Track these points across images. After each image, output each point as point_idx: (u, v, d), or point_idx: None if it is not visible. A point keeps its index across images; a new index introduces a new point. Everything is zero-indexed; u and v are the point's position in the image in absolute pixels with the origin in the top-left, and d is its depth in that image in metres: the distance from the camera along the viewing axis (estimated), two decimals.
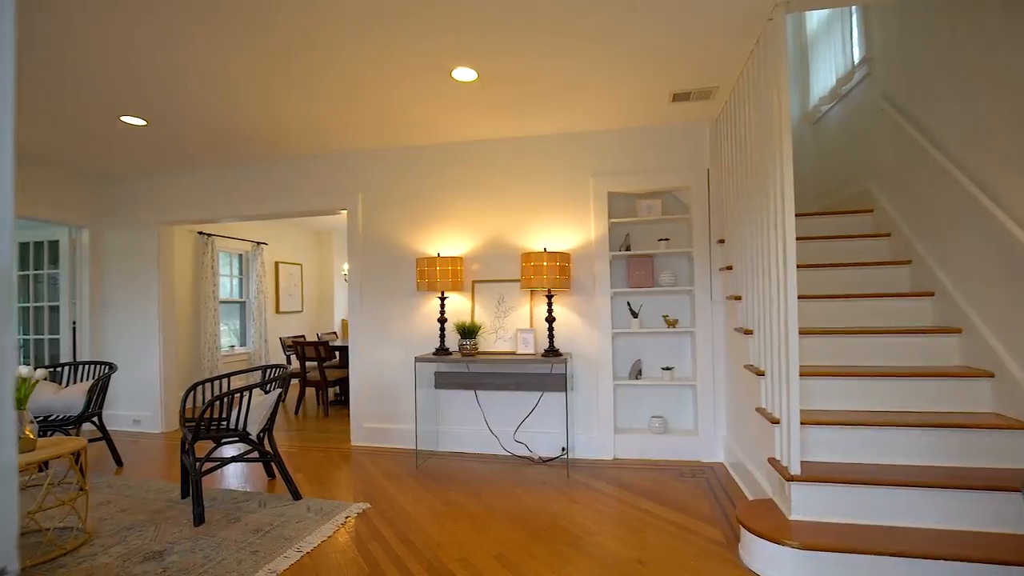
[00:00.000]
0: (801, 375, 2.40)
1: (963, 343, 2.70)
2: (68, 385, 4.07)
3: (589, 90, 3.36)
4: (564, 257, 3.75)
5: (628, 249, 4.02)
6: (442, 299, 4.06)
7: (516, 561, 2.42)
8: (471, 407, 4.22)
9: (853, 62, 3.87)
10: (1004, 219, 2.35)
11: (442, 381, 4.21)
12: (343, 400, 6.44)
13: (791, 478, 2.29)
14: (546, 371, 4.01)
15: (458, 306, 4.27)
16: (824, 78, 4.30)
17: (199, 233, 6.37)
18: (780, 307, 2.41)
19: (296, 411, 5.94)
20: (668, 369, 3.90)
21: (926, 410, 2.54)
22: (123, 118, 3.71)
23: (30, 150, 4.37)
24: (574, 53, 2.87)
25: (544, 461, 3.93)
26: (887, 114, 3.37)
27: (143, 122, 3.78)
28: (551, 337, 3.78)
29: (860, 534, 2.15)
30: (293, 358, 6.74)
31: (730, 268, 3.46)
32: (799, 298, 2.60)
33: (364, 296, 4.52)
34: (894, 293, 3.04)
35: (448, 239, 4.33)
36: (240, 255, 7.43)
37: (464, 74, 3.09)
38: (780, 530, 2.21)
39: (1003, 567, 1.92)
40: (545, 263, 3.68)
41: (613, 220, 4.00)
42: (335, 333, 8.12)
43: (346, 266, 5.94)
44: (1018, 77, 2.27)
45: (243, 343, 7.40)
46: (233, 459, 3.23)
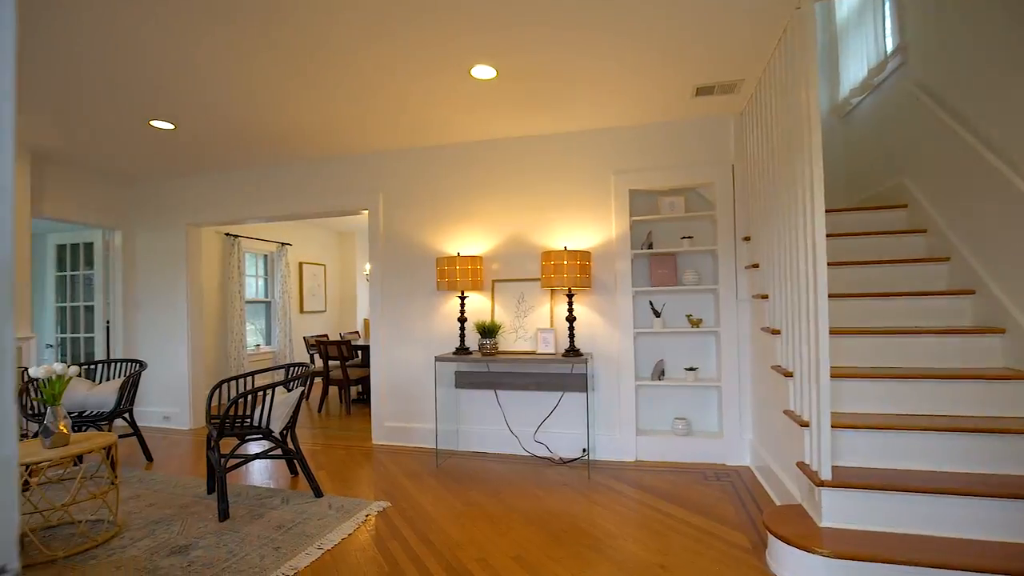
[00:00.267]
0: (832, 376, 2.31)
1: (1007, 344, 2.56)
2: (101, 382, 4.19)
3: (610, 85, 3.30)
4: (585, 256, 3.70)
5: (650, 247, 3.95)
6: (462, 298, 4.06)
7: (535, 563, 2.39)
8: (491, 407, 4.20)
9: (886, 52, 3.72)
10: None
11: (462, 380, 4.21)
12: (365, 399, 6.50)
13: (821, 483, 2.20)
14: (567, 371, 3.97)
15: (478, 305, 4.26)
16: (855, 69, 4.15)
17: (226, 234, 6.51)
18: (809, 306, 2.33)
19: (319, 409, 6.02)
20: (692, 370, 3.82)
21: (966, 414, 2.42)
22: (152, 122, 3.80)
23: (66, 156, 4.52)
24: (595, 47, 2.83)
25: (564, 462, 3.89)
26: (923, 105, 3.23)
27: (171, 126, 3.87)
28: (572, 337, 3.73)
29: (895, 543, 2.05)
30: (316, 357, 6.84)
31: (756, 266, 3.37)
32: (829, 297, 2.51)
33: (385, 296, 4.55)
34: (932, 291, 2.91)
35: (468, 238, 4.32)
36: (265, 256, 7.57)
37: (483, 72, 3.07)
38: (810, 537, 2.13)
39: None
40: (565, 262, 3.64)
41: (635, 218, 3.93)
42: (357, 332, 8.20)
43: (368, 266, 5.99)
44: None
45: (268, 342, 7.53)
46: (257, 456, 3.27)
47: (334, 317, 8.87)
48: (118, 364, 4.35)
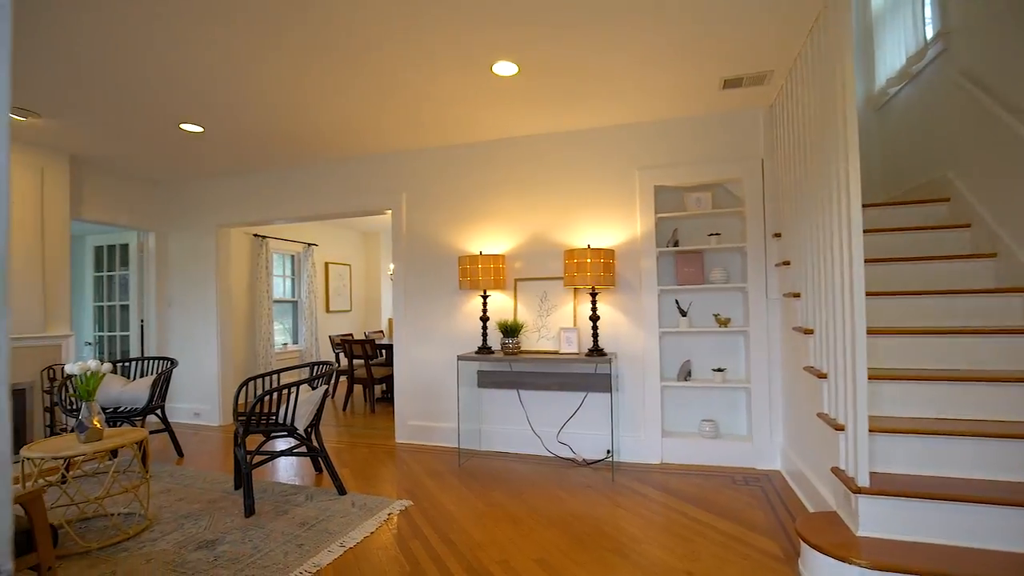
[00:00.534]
0: (869, 378, 2.20)
1: None
2: (135, 379, 4.31)
3: (634, 79, 3.24)
4: (608, 254, 3.64)
5: (676, 245, 3.86)
6: (484, 297, 4.04)
7: (558, 566, 2.34)
8: (514, 407, 4.17)
9: (926, 38, 3.55)
10: None
11: (485, 380, 4.19)
12: (389, 397, 6.55)
13: (858, 490, 2.10)
14: (590, 371, 3.91)
15: (500, 304, 4.23)
16: (891, 58, 3.97)
17: (254, 235, 6.65)
18: (845, 304, 2.22)
19: (344, 407, 6.09)
20: (719, 370, 3.71)
21: (1015, 419, 2.27)
22: (182, 126, 3.89)
23: (103, 161, 4.67)
24: (619, 40, 2.77)
25: (588, 463, 3.83)
26: (968, 93, 3.06)
27: (200, 128, 3.96)
28: (595, 336, 3.67)
29: (938, 556, 1.94)
30: (341, 356, 6.92)
31: (787, 263, 3.25)
32: (866, 295, 2.39)
33: (408, 295, 4.56)
34: (978, 289, 2.75)
35: (490, 237, 4.30)
36: (292, 256, 7.70)
37: (505, 68, 3.04)
38: (846, 547, 2.03)
39: None
40: (589, 260, 3.58)
41: (660, 215, 3.85)
42: (382, 332, 8.28)
43: (392, 266, 6.04)
44: None
45: (295, 341, 7.66)
46: (281, 453, 3.31)
47: (359, 316, 8.98)
48: (150, 361, 4.47)
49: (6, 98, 0.50)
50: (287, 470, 3.80)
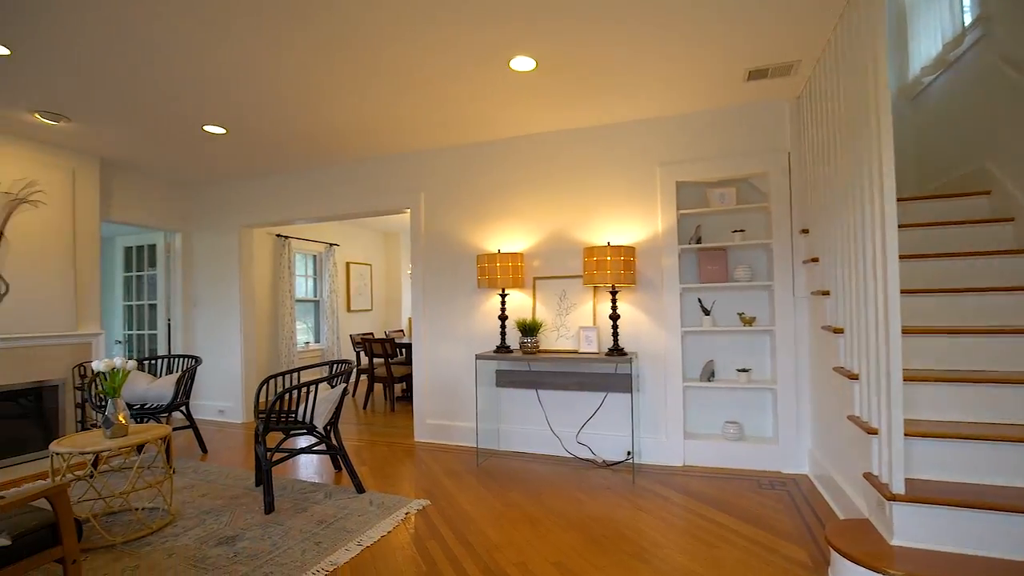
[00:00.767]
0: (904, 379, 2.10)
1: None
2: (161, 376, 4.40)
3: (655, 72, 3.16)
4: (629, 251, 3.57)
5: (699, 242, 3.77)
6: (503, 296, 4.00)
7: (577, 570, 2.29)
8: (533, 406, 4.13)
9: (963, 24, 3.39)
10: None
11: (503, 379, 4.16)
12: (408, 396, 6.57)
13: (892, 497, 2.00)
14: (610, 371, 3.84)
15: (519, 303, 4.19)
16: (926, 45, 3.80)
17: (277, 235, 6.74)
18: (878, 302, 2.12)
19: (364, 406, 6.13)
20: (744, 371, 3.61)
21: None
22: (205, 127, 3.95)
23: (131, 163, 4.78)
24: (639, 32, 2.70)
25: (608, 465, 3.77)
26: (1009, 80, 2.91)
27: (223, 130, 4.01)
28: (615, 335, 3.61)
29: (977, 568, 1.83)
30: (362, 354, 6.97)
31: (816, 260, 3.14)
32: (900, 292, 2.28)
33: (427, 294, 4.56)
34: (1022, 287, 2.60)
35: (509, 235, 4.27)
36: (314, 256, 7.79)
37: (522, 63, 3.00)
38: (880, 557, 1.93)
39: None
40: (609, 258, 3.51)
41: (682, 211, 3.76)
42: (402, 331, 8.33)
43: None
44: None
45: (317, 340, 7.75)
46: (300, 451, 3.33)
47: (380, 316, 9.04)
48: (176, 359, 4.56)
49: None
50: (307, 467, 3.83)
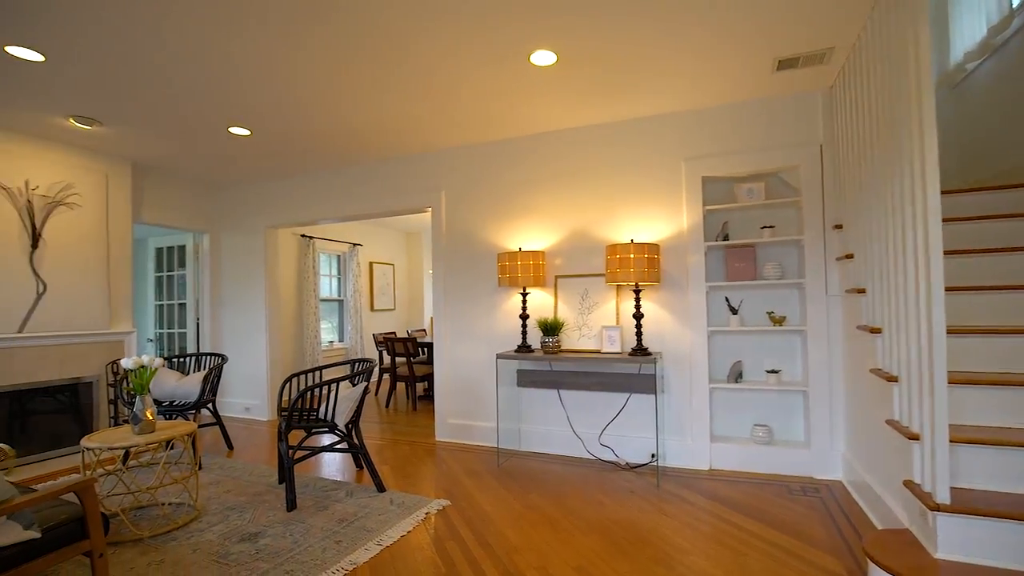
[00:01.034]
0: (949, 382, 1.97)
1: None
2: (189, 374, 4.49)
3: (680, 64, 3.07)
4: (653, 249, 3.48)
5: (726, 239, 3.65)
6: (524, 295, 3.96)
7: None
8: (554, 407, 4.07)
9: (1011, 5, 3.20)
10: None
11: (524, 379, 4.11)
12: (430, 395, 6.58)
13: (937, 507, 1.88)
14: (634, 371, 3.76)
15: (540, 302, 4.14)
16: (970, 30, 3.61)
17: (302, 236, 6.83)
18: (920, 300, 2.00)
19: (387, 404, 6.16)
20: (774, 372, 3.48)
21: None
22: (231, 129, 4.02)
23: (161, 166, 4.90)
24: (663, 21, 2.62)
25: (631, 467, 3.69)
26: None
27: (247, 131, 4.07)
28: (639, 335, 3.52)
29: None
30: (384, 353, 7.01)
31: (850, 257, 3.00)
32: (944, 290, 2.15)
33: (448, 293, 4.54)
34: None
35: (530, 233, 4.22)
36: (338, 256, 7.88)
37: (543, 58, 2.95)
38: (923, 570, 1.82)
39: None
40: (632, 255, 3.43)
41: (708, 207, 3.65)
42: (424, 330, 8.35)
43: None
44: None
45: (341, 339, 7.84)
46: (321, 449, 3.35)
47: (403, 315, 9.10)
48: (204, 357, 4.65)
49: None
50: (330, 465, 3.85)
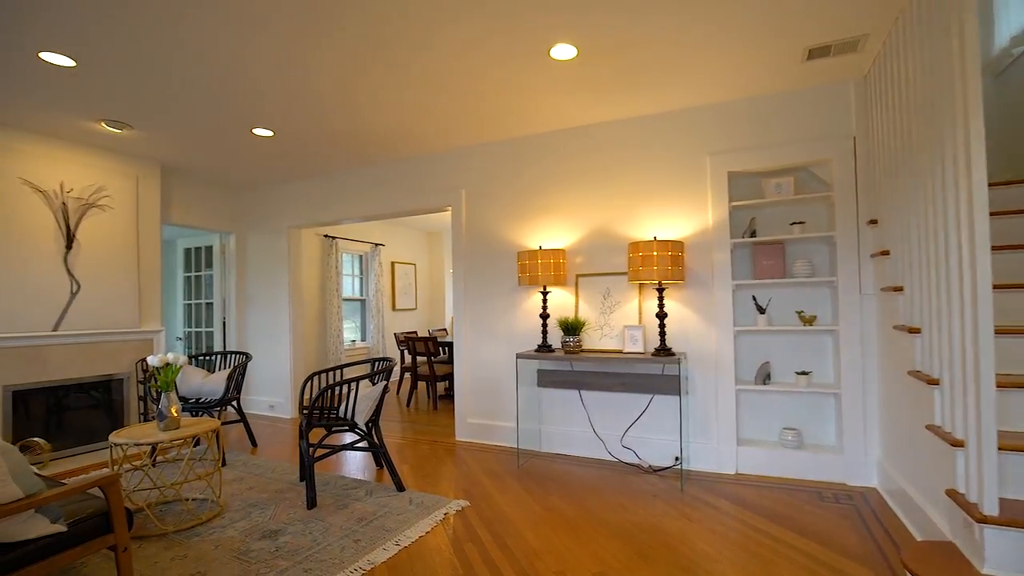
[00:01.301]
0: (997, 386, 1.85)
1: None
2: (216, 372, 4.57)
3: (704, 55, 2.97)
4: (677, 246, 3.39)
5: (753, 235, 3.53)
6: (544, 294, 3.90)
7: None
8: (575, 407, 4.01)
9: None
10: None
11: (544, 379, 4.06)
12: (451, 394, 6.57)
13: (983, 519, 1.76)
14: (657, 372, 3.67)
15: (561, 301, 4.08)
16: (1016, 14, 3.41)
17: (324, 236, 6.91)
18: (965, 298, 1.89)
19: (408, 404, 6.18)
20: (804, 374, 3.35)
21: None
22: (254, 130, 4.07)
23: (188, 168, 5.00)
24: (687, 11, 2.54)
25: (654, 470, 3.60)
26: None
27: (270, 133, 4.12)
28: (662, 335, 3.43)
29: None
30: (405, 353, 7.04)
31: (886, 253, 2.86)
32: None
33: (468, 292, 4.52)
34: None
35: (550, 231, 4.16)
36: (360, 256, 7.95)
37: (563, 51, 2.89)
38: None
39: None
40: (655, 253, 3.35)
41: (735, 203, 3.53)
42: (445, 330, 8.37)
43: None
44: None
45: (363, 338, 7.90)
46: (341, 447, 3.36)
47: (424, 314, 9.14)
48: (229, 355, 4.73)
49: None
50: (351, 464, 3.86)
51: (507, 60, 2.99)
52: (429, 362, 5.89)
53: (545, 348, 3.81)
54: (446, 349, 6.49)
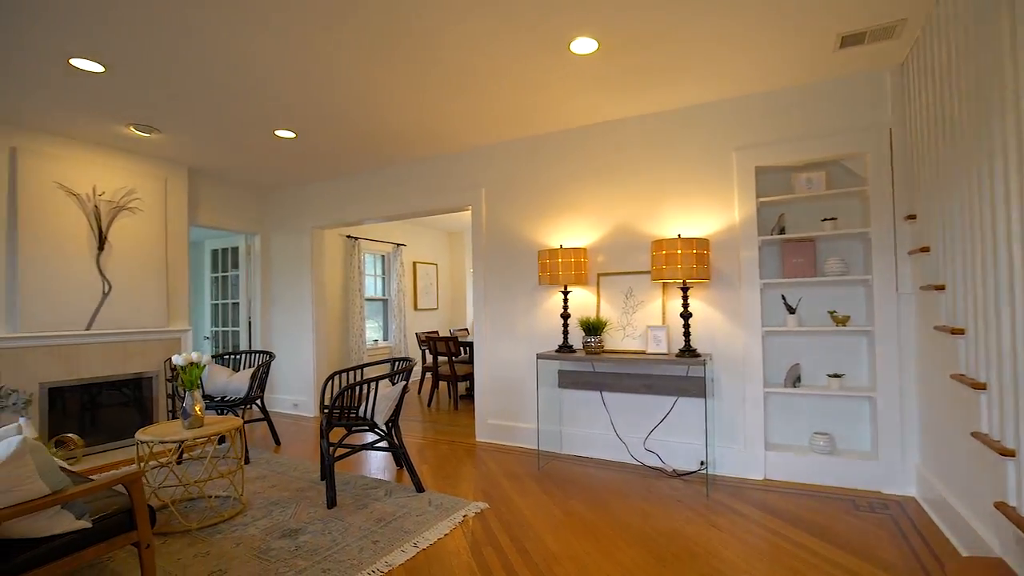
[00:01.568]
0: None
1: None
2: (240, 371, 4.64)
3: (730, 46, 2.87)
4: (702, 244, 3.29)
5: (782, 232, 3.41)
6: (565, 293, 3.84)
7: None
8: (597, 409, 3.93)
9: None
10: None
11: (566, 380, 3.99)
12: (472, 395, 6.55)
13: None
14: (681, 373, 3.57)
15: (582, 300, 4.01)
16: None
17: (347, 237, 6.97)
18: (1016, 297, 1.76)
19: (429, 403, 6.18)
20: (836, 376, 3.22)
21: None
22: (277, 132, 4.11)
23: (214, 171, 5.10)
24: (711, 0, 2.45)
25: (679, 475, 3.50)
26: None
27: (292, 134, 4.15)
28: (687, 335, 3.34)
29: None
30: (427, 352, 7.05)
31: (926, 250, 2.71)
32: None
33: (488, 291, 4.49)
34: None
35: (571, 230, 4.09)
36: (382, 256, 8.00)
37: (583, 45, 2.83)
38: None
39: None
40: (679, 251, 3.25)
41: (763, 199, 3.41)
42: (466, 330, 8.36)
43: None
44: None
45: (386, 338, 7.95)
46: (361, 447, 3.36)
47: (445, 314, 9.15)
48: (253, 355, 4.80)
49: None
50: (371, 464, 3.87)
51: (526, 56, 2.94)
52: (450, 362, 5.88)
53: (566, 348, 3.75)
54: (467, 349, 6.48)
